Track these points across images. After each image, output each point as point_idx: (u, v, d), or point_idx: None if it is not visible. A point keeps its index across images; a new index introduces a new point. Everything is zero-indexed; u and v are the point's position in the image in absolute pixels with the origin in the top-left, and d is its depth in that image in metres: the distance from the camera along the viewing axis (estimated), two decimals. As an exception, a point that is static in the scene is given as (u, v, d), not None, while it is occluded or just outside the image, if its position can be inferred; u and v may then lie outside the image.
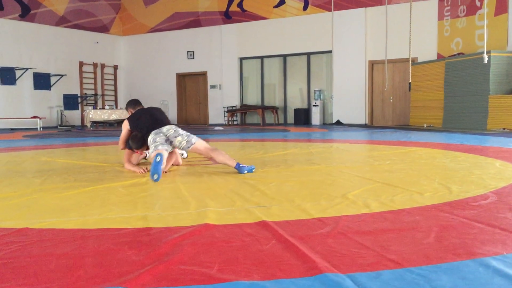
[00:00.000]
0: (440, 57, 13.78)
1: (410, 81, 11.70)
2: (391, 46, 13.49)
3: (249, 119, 17.92)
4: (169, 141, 4.46)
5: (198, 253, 1.97)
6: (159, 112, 4.83)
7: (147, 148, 4.69)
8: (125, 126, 4.84)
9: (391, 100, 14.47)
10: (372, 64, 15.23)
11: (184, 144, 4.46)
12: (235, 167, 4.37)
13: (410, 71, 11.72)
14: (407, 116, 14.67)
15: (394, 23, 13.75)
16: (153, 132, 4.49)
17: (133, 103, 5.16)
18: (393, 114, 15.19)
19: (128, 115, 5.00)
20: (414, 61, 13.80)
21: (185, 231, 2.31)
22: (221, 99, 18.06)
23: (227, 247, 2.06)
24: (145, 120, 4.67)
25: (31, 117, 15.95)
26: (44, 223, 2.55)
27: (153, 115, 4.71)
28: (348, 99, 15.53)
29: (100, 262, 1.88)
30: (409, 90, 12.62)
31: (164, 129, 4.53)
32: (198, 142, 4.49)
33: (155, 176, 3.89)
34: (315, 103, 16.08)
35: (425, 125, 13.00)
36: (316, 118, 16.04)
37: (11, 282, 1.66)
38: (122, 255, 1.95)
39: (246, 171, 4.33)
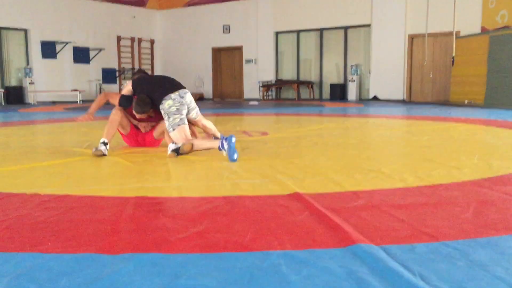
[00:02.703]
0: (484, 30, 13.21)
1: (453, 55, 11.28)
2: (432, 19, 12.98)
3: (284, 94, 17.79)
4: (187, 112, 3.96)
5: (231, 222, 1.98)
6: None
7: (148, 117, 4.17)
8: (127, 87, 4.15)
9: (430, 76, 14.03)
10: (412, 38, 14.76)
11: (194, 115, 4.07)
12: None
13: (454, 45, 11.29)
14: (447, 92, 14.21)
15: (436, -5, 13.21)
16: (172, 98, 3.86)
17: (141, 71, 4.46)
18: (433, 90, 14.75)
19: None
20: (457, 35, 13.28)
21: (218, 201, 2.33)
22: (256, 73, 17.97)
23: (260, 217, 2.07)
24: (159, 82, 4.05)
25: (71, 90, 16.32)
26: (83, 190, 2.62)
27: (167, 78, 4.16)
28: (386, 74, 15.16)
29: (136, 228, 1.92)
30: (452, 65, 12.19)
31: (188, 97, 3.94)
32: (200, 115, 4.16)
33: (236, 156, 3.51)
34: (352, 78, 15.79)
35: (466, 101, 12.57)
36: (352, 94, 15.76)
37: (50, 244, 1.73)
38: (157, 222, 1.99)
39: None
